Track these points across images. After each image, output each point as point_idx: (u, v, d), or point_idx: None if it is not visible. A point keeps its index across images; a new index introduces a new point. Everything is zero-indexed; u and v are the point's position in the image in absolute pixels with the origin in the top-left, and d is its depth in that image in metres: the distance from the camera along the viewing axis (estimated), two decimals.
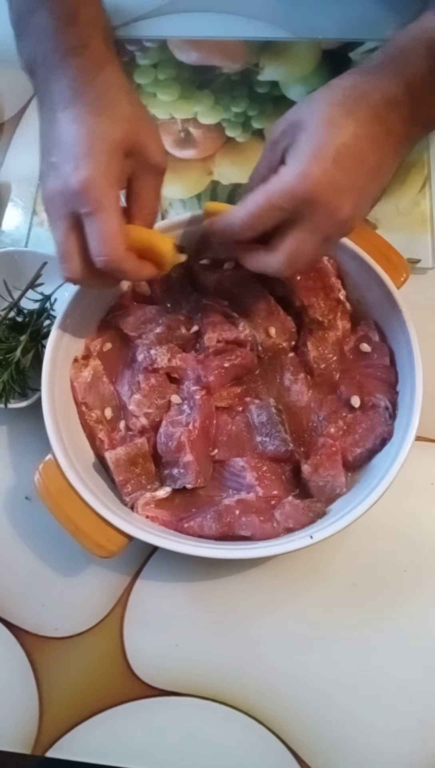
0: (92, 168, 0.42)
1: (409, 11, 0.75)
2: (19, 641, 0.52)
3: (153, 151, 0.46)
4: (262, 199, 0.42)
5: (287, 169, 0.42)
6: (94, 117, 0.44)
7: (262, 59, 0.74)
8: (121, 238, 0.43)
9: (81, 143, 0.43)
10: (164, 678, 0.50)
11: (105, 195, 0.43)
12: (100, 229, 0.43)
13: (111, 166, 0.43)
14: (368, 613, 0.51)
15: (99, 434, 0.53)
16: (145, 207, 0.47)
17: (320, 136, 0.42)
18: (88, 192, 0.42)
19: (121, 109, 0.45)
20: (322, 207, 0.41)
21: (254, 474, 0.50)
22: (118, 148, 0.44)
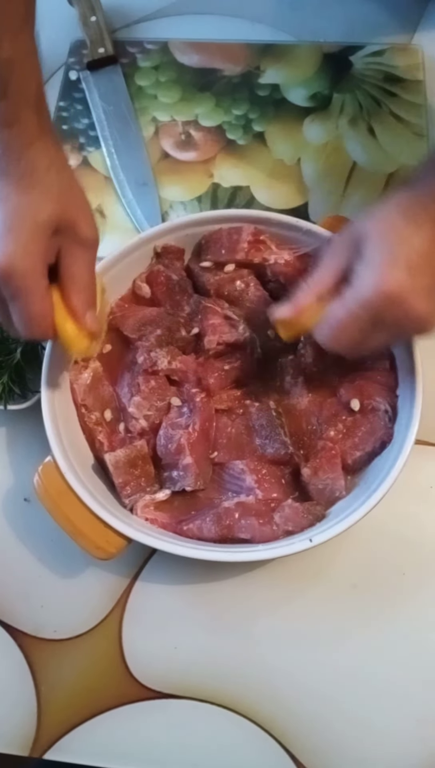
0: (11, 249, 0.41)
1: (410, 15, 0.76)
2: (17, 643, 0.52)
3: (82, 225, 0.45)
4: (343, 314, 0.43)
5: (362, 281, 0.43)
6: (18, 195, 0.43)
7: (264, 62, 0.74)
8: (44, 320, 0.44)
9: (2, 222, 0.42)
10: (163, 680, 0.50)
11: (26, 277, 0.42)
12: (20, 312, 0.43)
13: (33, 246, 0.42)
14: (367, 615, 0.51)
15: (98, 436, 0.52)
16: (77, 283, 0.46)
17: (388, 244, 0.43)
18: (9, 276, 0.41)
19: (47, 185, 0.43)
20: (399, 311, 0.42)
21: (254, 477, 0.50)
22: (43, 226, 0.43)
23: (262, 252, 0.55)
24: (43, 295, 0.44)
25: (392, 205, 0.45)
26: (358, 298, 0.43)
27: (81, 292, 0.46)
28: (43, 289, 0.43)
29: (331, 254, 0.46)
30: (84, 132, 0.71)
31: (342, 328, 0.44)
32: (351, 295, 0.43)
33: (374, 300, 0.42)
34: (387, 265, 0.42)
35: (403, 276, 0.42)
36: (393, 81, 0.72)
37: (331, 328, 0.44)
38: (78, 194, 0.46)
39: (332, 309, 0.44)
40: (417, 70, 0.72)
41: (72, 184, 0.46)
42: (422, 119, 0.69)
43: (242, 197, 0.67)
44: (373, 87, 0.72)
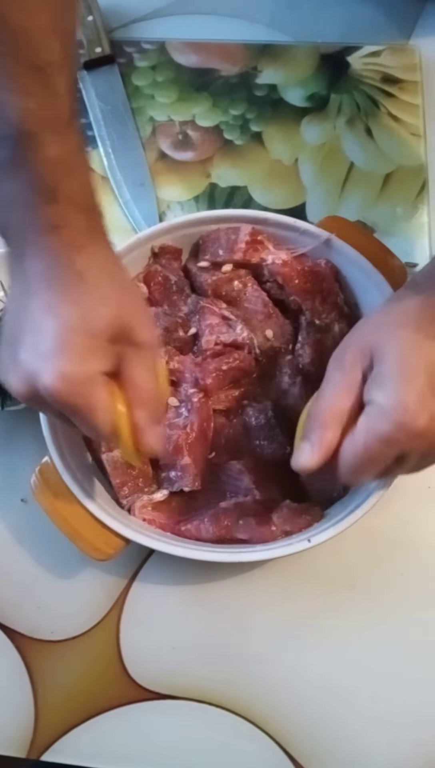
0: (67, 368, 0.37)
1: (408, 16, 0.76)
2: (14, 644, 0.52)
3: (139, 330, 0.41)
4: (360, 450, 0.39)
5: (380, 411, 0.38)
6: (70, 307, 0.38)
7: (261, 62, 0.74)
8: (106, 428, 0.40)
9: (53, 340, 0.37)
10: (161, 681, 0.50)
11: (85, 397, 0.38)
12: (83, 426, 0.40)
13: (90, 362, 0.38)
14: (365, 616, 0.51)
15: None
16: (140, 390, 0.41)
17: (408, 364, 0.38)
18: (65, 396, 0.37)
19: (99, 293, 0.39)
20: (426, 444, 0.39)
21: (252, 477, 0.50)
22: (98, 337, 0.39)
23: (259, 252, 0.55)
24: (107, 408, 0.39)
25: (402, 315, 0.41)
26: (377, 432, 0.38)
27: (145, 404, 0.41)
28: (105, 404, 0.39)
29: (340, 371, 0.41)
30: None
31: (360, 464, 0.39)
32: (368, 428, 0.39)
33: (395, 435, 0.38)
34: (407, 393, 0.38)
35: (429, 403, 0.37)
36: (390, 82, 0.72)
37: (348, 466, 0.40)
38: (132, 297, 0.43)
39: (348, 444, 0.39)
40: (414, 71, 0.72)
41: (125, 288, 0.42)
42: (419, 120, 0.70)
43: (240, 197, 0.67)
44: (370, 87, 0.72)
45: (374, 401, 0.39)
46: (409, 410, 0.37)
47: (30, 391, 0.38)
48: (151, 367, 0.42)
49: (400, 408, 0.38)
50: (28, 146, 0.36)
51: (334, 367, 0.42)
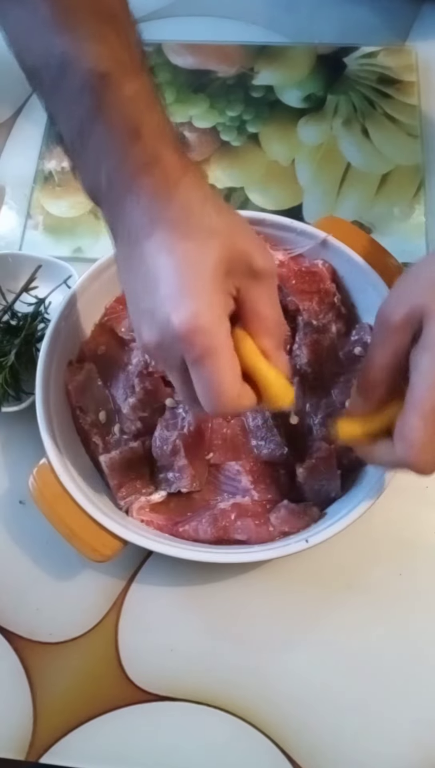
0: (193, 307, 0.36)
1: (404, 17, 0.76)
2: (12, 646, 0.52)
3: (256, 257, 0.38)
4: (418, 425, 0.37)
5: (424, 378, 0.37)
6: (182, 242, 0.37)
7: (258, 64, 0.74)
8: (234, 386, 0.37)
9: (173, 279, 0.36)
10: (159, 683, 0.50)
11: (213, 336, 0.36)
12: (209, 379, 0.37)
13: (214, 298, 0.37)
14: (364, 615, 0.51)
15: (93, 438, 0.52)
16: (265, 323, 0.39)
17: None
18: (195, 337, 0.36)
19: (208, 224, 0.38)
20: None
21: (249, 478, 0.50)
22: (217, 271, 0.37)
23: None
24: (232, 354, 0.37)
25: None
26: (430, 404, 0.37)
27: (272, 333, 0.39)
28: (232, 348, 0.37)
29: (387, 332, 0.40)
30: None
31: (423, 446, 0.37)
32: (419, 402, 0.37)
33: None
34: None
35: None
36: (387, 82, 0.72)
37: (411, 448, 0.37)
38: (241, 225, 0.40)
39: (406, 423, 0.38)
40: (410, 72, 0.72)
41: (232, 216, 0.40)
42: (416, 120, 0.70)
43: (237, 198, 0.67)
44: (367, 88, 0.72)
45: (418, 367, 0.37)
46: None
47: (162, 338, 0.37)
48: (273, 296, 0.40)
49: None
50: (106, 88, 0.37)
51: (381, 329, 0.40)
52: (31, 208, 0.68)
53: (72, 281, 0.58)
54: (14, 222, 0.68)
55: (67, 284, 0.58)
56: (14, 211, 0.68)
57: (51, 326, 0.52)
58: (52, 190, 0.69)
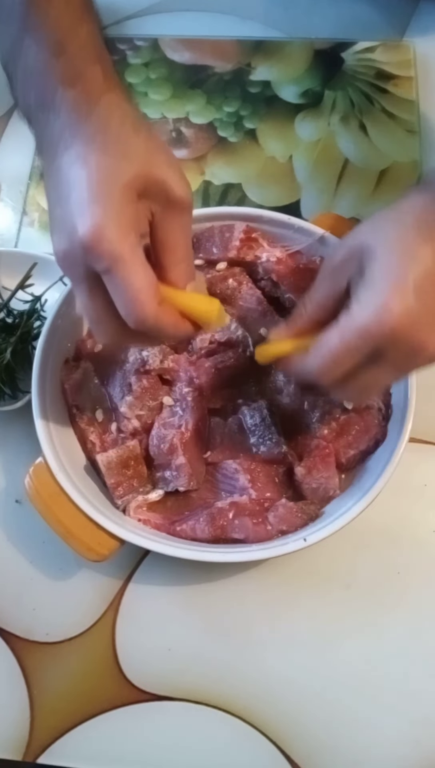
0: (99, 216, 0.35)
1: (402, 12, 0.75)
2: (9, 646, 0.51)
3: (172, 185, 0.38)
4: (337, 342, 0.38)
5: (361, 306, 0.37)
6: (97, 155, 0.37)
7: (255, 59, 0.73)
8: (151, 292, 0.37)
9: (84, 188, 0.36)
10: (157, 682, 0.50)
11: (119, 244, 0.35)
12: (122, 285, 0.36)
13: (122, 210, 0.36)
14: (362, 615, 0.51)
15: (90, 437, 0.52)
16: (175, 253, 0.39)
17: (395, 265, 0.37)
18: (100, 245, 0.35)
19: (125, 142, 0.38)
20: (404, 345, 0.37)
21: (247, 476, 0.50)
22: (129, 188, 0.37)
23: (254, 250, 0.55)
24: (143, 262, 0.36)
25: (403, 213, 0.39)
26: (357, 326, 0.37)
27: (180, 263, 0.39)
28: (142, 257, 0.37)
29: (329, 270, 0.41)
30: None
31: (334, 359, 0.38)
32: (348, 322, 0.37)
33: (375, 331, 0.36)
34: (392, 289, 0.36)
35: (410, 304, 0.36)
36: (384, 78, 0.72)
37: (321, 357, 0.38)
38: (162, 150, 0.40)
39: (326, 337, 0.38)
40: (408, 67, 0.72)
41: (152, 139, 0.40)
42: (414, 115, 0.69)
43: (234, 195, 0.67)
44: (364, 84, 0.71)
45: (358, 298, 0.38)
46: (388, 308, 0.36)
47: (69, 247, 0.36)
48: (186, 227, 0.40)
49: (381, 305, 0.36)
50: (33, 7, 0.39)
51: (325, 268, 0.41)
52: (27, 205, 0.67)
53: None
54: (10, 219, 0.67)
55: (63, 281, 0.58)
56: (9, 208, 0.68)
57: (47, 324, 0.52)
58: None
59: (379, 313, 0.36)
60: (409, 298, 0.36)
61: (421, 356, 0.38)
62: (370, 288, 0.37)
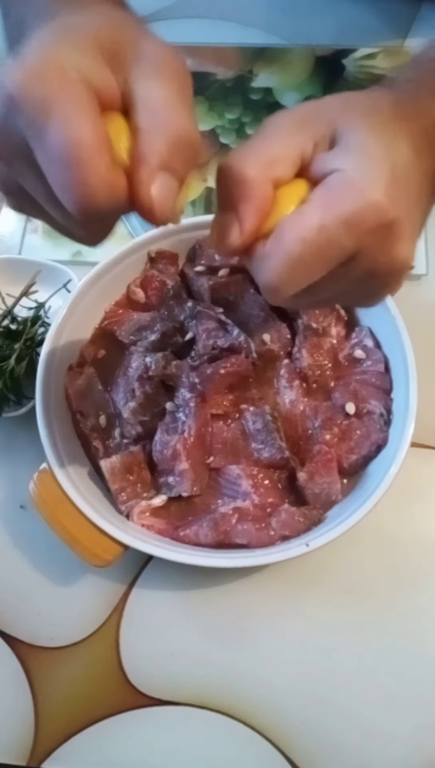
0: (32, 62, 0.26)
1: (402, 18, 0.76)
2: (14, 651, 0.52)
3: (146, 44, 0.29)
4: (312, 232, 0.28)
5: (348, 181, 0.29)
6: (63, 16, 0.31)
7: (256, 66, 0.74)
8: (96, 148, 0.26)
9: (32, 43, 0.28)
10: (161, 687, 0.50)
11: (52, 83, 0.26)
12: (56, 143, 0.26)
13: (72, 53, 0.27)
14: (364, 619, 0.51)
15: (94, 442, 0.52)
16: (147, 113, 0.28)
17: (378, 148, 0.30)
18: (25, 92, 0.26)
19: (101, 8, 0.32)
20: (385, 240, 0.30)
21: (250, 481, 0.50)
22: (88, 38, 0.28)
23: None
24: (88, 113, 0.26)
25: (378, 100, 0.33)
26: (340, 209, 0.28)
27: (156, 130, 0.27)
28: (86, 106, 0.26)
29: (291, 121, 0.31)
30: None
31: (306, 256, 0.28)
32: (327, 203, 0.28)
33: (363, 216, 0.28)
34: (386, 172, 0.29)
35: (401, 194, 0.29)
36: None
37: (288, 254, 0.28)
38: (138, 21, 0.33)
39: (292, 225, 0.28)
40: None
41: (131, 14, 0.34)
42: None
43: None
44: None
45: (339, 169, 0.29)
46: (380, 190, 0.28)
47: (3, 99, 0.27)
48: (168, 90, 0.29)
49: (373, 184, 0.28)
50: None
51: (274, 122, 0.31)
52: None
53: (72, 285, 0.58)
54: (13, 226, 0.68)
55: (66, 288, 0.58)
56: (13, 215, 0.68)
57: (51, 330, 0.53)
58: None
59: (372, 196, 0.28)
60: (400, 188, 0.29)
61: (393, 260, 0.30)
62: (358, 160, 0.29)
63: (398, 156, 0.30)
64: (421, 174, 0.32)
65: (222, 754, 0.48)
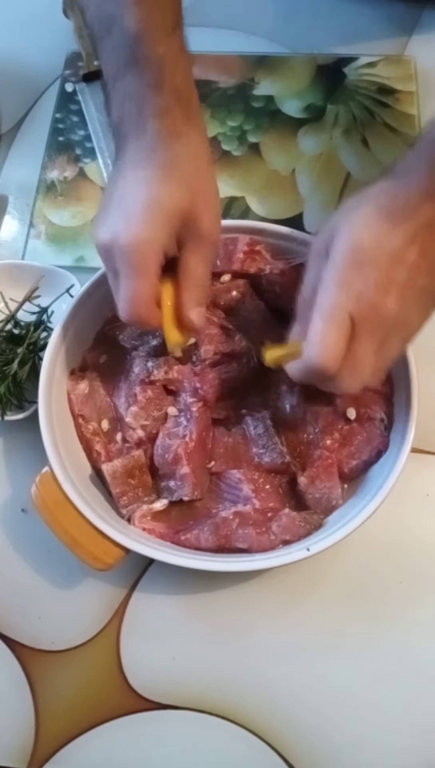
0: (139, 230, 0.43)
1: (403, 27, 0.76)
2: (15, 654, 0.52)
3: (205, 222, 0.45)
4: (319, 323, 0.40)
5: (324, 283, 0.41)
6: (158, 183, 0.44)
7: (258, 74, 0.74)
8: (149, 301, 0.44)
9: (139, 205, 0.44)
10: (161, 691, 0.50)
11: (143, 259, 0.43)
12: (125, 292, 0.44)
13: (159, 233, 0.43)
14: (365, 624, 0.51)
15: (96, 446, 0.53)
16: (190, 277, 0.46)
17: (353, 234, 0.41)
18: (128, 254, 0.43)
19: (186, 177, 0.45)
20: (367, 310, 0.40)
21: (251, 486, 0.50)
22: (173, 216, 0.44)
23: (257, 262, 0.56)
24: (153, 281, 0.44)
25: (366, 196, 0.43)
26: (327, 302, 0.40)
27: (194, 287, 0.46)
28: (154, 275, 0.44)
29: (313, 254, 0.45)
30: (80, 143, 0.72)
31: (325, 340, 0.40)
32: (320, 301, 0.41)
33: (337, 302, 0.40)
34: (348, 260, 0.40)
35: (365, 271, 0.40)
36: (386, 92, 0.73)
37: (315, 344, 0.40)
38: (210, 190, 0.47)
39: (310, 329, 0.41)
40: (410, 81, 0.73)
41: (208, 179, 0.47)
42: (415, 129, 0.70)
43: (237, 208, 0.68)
44: (366, 98, 0.72)
45: (323, 276, 0.41)
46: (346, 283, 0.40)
47: (109, 243, 0.44)
48: (206, 260, 0.46)
49: (340, 282, 0.40)
50: (141, 46, 0.46)
51: (309, 259, 0.45)
52: (34, 218, 0.68)
53: (74, 290, 0.58)
54: (17, 231, 0.68)
55: (69, 293, 0.59)
56: (17, 220, 0.69)
57: (54, 335, 0.53)
58: (54, 199, 0.69)
59: (338, 284, 0.40)
60: (365, 268, 0.40)
61: (383, 317, 0.40)
62: (331, 265, 0.41)
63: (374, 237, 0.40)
64: (415, 239, 0.41)
65: (222, 758, 0.48)
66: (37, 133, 0.73)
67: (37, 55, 0.78)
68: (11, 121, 0.74)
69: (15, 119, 0.74)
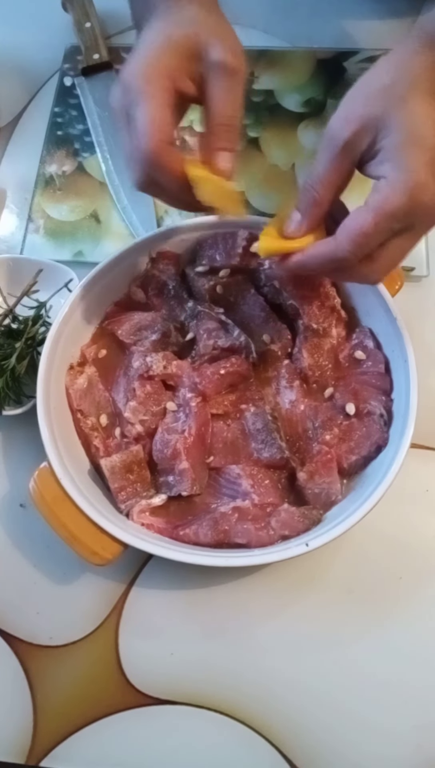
0: (139, 63, 0.43)
1: (403, 21, 0.76)
2: (13, 650, 0.52)
3: (220, 48, 0.44)
4: (370, 224, 0.39)
5: (392, 187, 0.39)
6: (160, 22, 0.46)
7: (258, 68, 0.74)
8: (158, 126, 0.42)
9: (148, 43, 0.44)
10: (159, 686, 0.50)
11: (148, 83, 0.42)
12: (138, 118, 0.42)
13: (163, 58, 0.43)
14: (364, 619, 0.51)
15: (94, 441, 0.52)
16: (215, 114, 0.44)
17: (417, 138, 0.38)
18: (133, 81, 0.42)
19: (191, 15, 0.46)
20: (430, 216, 0.39)
21: (250, 481, 0.50)
22: (176, 43, 0.44)
23: (256, 257, 0.56)
24: (163, 103, 0.42)
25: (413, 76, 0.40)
26: (391, 209, 0.38)
27: (218, 126, 0.44)
28: (163, 98, 0.42)
29: (339, 146, 0.41)
30: (79, 137, 0.71)
31: (366, 239, 0.39)
32: (380, 204, 0.39)
33: (409, 210, 0.38)
34: (418, 165, 0.38)
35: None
36: None
37: (352, 239, 0.39)
38: (222, 23, 0.47)
39: (356, 219, 0.39)
40: None
41: (218, 17, 0.48)
42: None
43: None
44: None
45: (383, 176, 0.39)
46: (420, 182, 0.38)
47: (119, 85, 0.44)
48: (233, 92, 0.44)
49: (412, 181, 0.38)
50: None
51: (330, 147, 0.42)
52: (32, 212, 0.68)
53: (73, 285, 0.58)
54: (15, 226, 0.68)
55: (68, 288, 0.58)
56: (15, 215, 0.68)
57: (52, 330, 0.53)
58: (53, 194, 0.69)
59: (413, 195, 0.38)
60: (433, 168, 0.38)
61: None
62: (395, 164, 0.39)
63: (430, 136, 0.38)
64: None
65: (220, 753, 0.48)
66: (36, 127, 0.73)
67: (36, 49, 0.77)
68: (10, 115, 0.74)
69: (13, 113, 0.74)
